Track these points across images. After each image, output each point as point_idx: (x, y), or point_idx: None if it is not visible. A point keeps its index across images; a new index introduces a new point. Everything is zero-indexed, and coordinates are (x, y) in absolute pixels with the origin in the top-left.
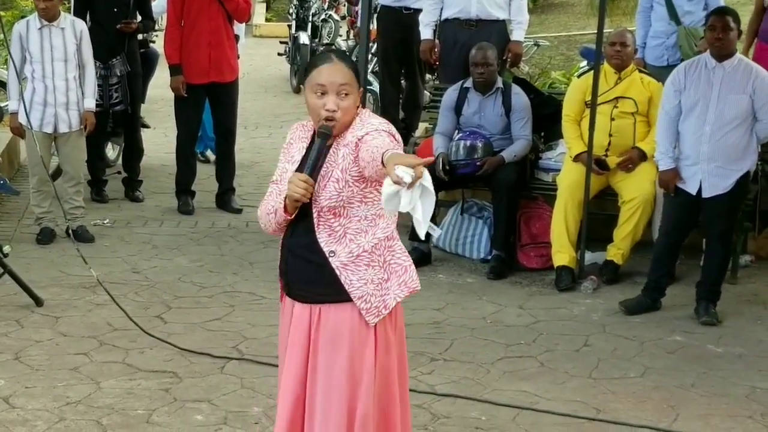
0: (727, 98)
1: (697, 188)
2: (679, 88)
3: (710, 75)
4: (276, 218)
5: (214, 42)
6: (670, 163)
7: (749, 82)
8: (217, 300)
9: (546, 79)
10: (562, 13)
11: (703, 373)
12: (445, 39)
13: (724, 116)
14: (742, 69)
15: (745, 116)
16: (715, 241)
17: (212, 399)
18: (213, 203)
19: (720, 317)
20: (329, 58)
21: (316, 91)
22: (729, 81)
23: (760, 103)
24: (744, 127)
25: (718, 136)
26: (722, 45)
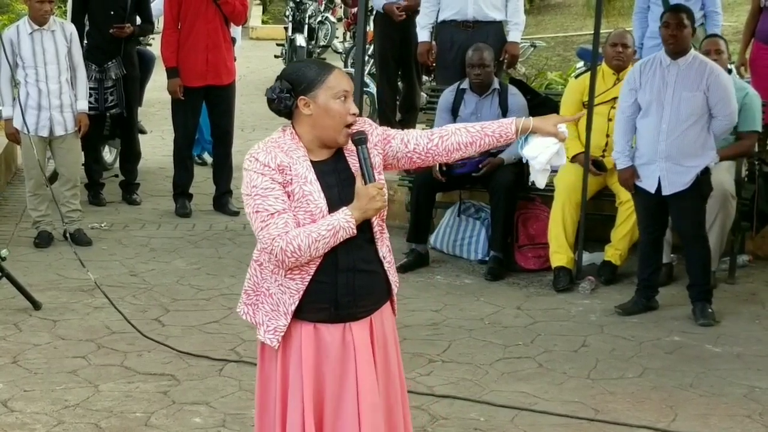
0: (681, 96)
1: (656, 186)
2: (634, 87)
3: (665, 73)
4: (335, 241)
5: (211, 45)
6: (627, 162)
7: (703, 79)
8: (214, 302)
9: (543, 80)
10: (559, 14)
11: (702, 373)
12: (442, 41)
13: (679, 114)
14: (697, 66)
15: (700, 113)
16: (691, 242)
17: (210, 401)
18: (210, 206)
19: (718, 317)
20: (327, 65)
21: (340, 96)
22: (683, 78)
23: (715, 100)
24: (700, 125)
25: (675, 133)
26: (676, 42)
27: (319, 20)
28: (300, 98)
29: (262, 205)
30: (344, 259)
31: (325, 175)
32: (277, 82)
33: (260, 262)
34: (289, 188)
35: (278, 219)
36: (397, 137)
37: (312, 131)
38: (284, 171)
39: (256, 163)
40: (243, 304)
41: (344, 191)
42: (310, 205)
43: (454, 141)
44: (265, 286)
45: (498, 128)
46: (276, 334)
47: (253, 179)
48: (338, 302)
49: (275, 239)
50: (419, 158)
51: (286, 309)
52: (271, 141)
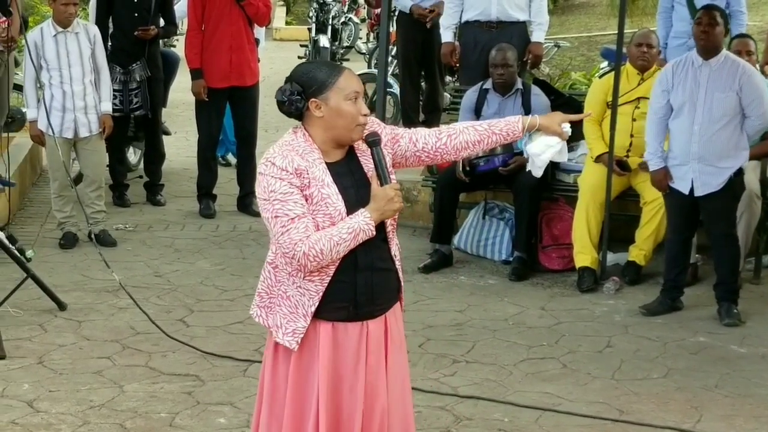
0: (714, 96)
1: (689, 187)
2: (666, 88)
3: (697, 73)
4: (356, 243)
5: (235, 46)
6: (660, 163)
7: (735, 79)
8: (238, 303)
9: (566, 81)
10: (583, 14)
11: (727, 373)
12: (465, 41)
13: (712, 114)
14: (729, 66)
15: (733, 114)
16: (721, 242)
17: (235, 402)
18: (234, 207)
19: (743, 317)
20: (337, 66)
21: (351, 97)
22: (716, 79)
23: (748, 100)
24: (733, 125)
25: (708, 134)
26: (707, 39)
27: (342, 21)
28: (311, 100)
29: (282, 210)
30: (363, 259)
31: (340, 176)
32: (287, 84)
33: (275, 265)
34: (306, 192)
35: (299, 223)
36: (405, 136)
37: (324, 132)
38: (302, 174)
39: (272, 167)
40: (256, 307)
41: (360, 192)
42: (329, 208)
43: (462, 140)
44: (281, 289)
45: (505, 126)
46: (295, 336)
47: (270, 184)
48: (357, 301)
49: (297, 244)
50: (427, 157)
51: (306, 311)
52: (285, 144)
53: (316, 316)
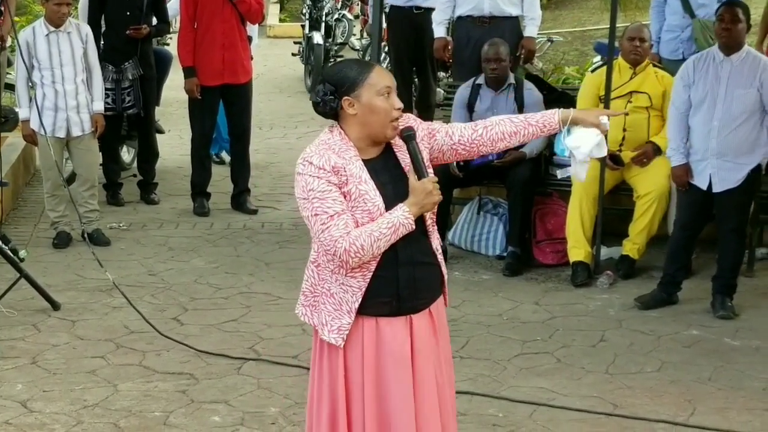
0: (734, 92)
1: (708, 183)
2: (688, 83)
3: (718, 69)
4: (396, 238)
5: (228, 44)
6: (682, 159)
7: (757, 75)
8: (233, 301)
9: (559, 75)
10: (576, 9)
11: (720, 366)
12: (458, 37)
13: (732, 111)
14: (750, 62)
15: (753, 110)
16: (729, 235)
17: (229, 400)
18: (228, 205)
19: (736, 310)
20: (367, 63)
21: (383, 93)
22: (737, 75)
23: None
24: (753, 121)
25: (727, 130)
26: (729, 36)
27: (336, 18)
28: (344, 99)
29: (321, 208)
30: (403, 253)
31: (377, 172)
32: (320, 86)
33: (318, 263)
34: (344, 189)
35: (338, 220)
36: (442, 131)
37: (360, 130)
38: (339, 172)
39: (310, 166)
40: (302, 306)
41: (397, 187)
42: (368, 204)
43: (498, 131)
44: (325, 286)
45: (542, 118)
46: (341, 333)
47: (309, 183)
48: (400, 296)
49: (338, 240)
50: (464, 150)
51: (350, 307)
52: (321, 143)
53: (359, 312)
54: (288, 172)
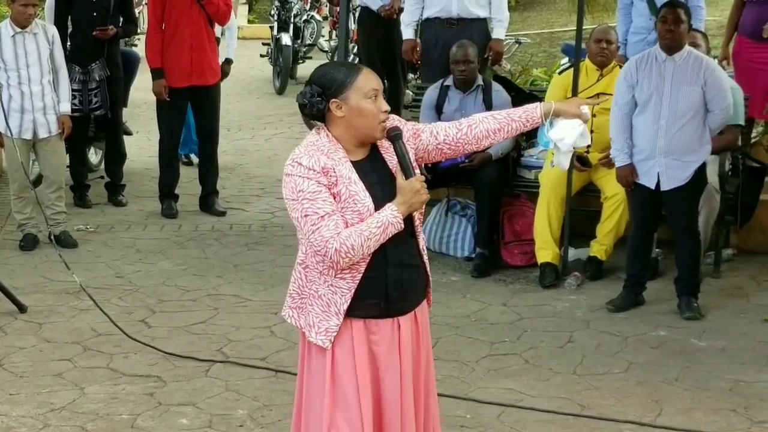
0: (680, 90)
1: (656, 182)
2: (631, 83)
3: (662, 68)
4: (385, 237)
5: (196, 45)
6: (626, 159)
7: (700, 73)
8: (201, 303)
9: (527, 77)
10: (545, 11)
11: (687, 367)
12: (426, 38)
13: (678, 108)
14: (692, 61)
15: (697, 108)
16: (683, 235)
17: (197, 402)
18: (196, 206)
19: (703, 311)
20: (355, 65)
21: (370, 96)
22: (680, 73)
23: (711, 94)
24: (698, 119)
25: (674, 128)
26: (673, 37)
27: (304, 19)
28: (332, 101)
29: (311, 209)
30: (392, 254)
31: (366, 174)
32: (307, 88)
33: (306, 265)
34: (334, 189)
35: (329, 221)
36: (426, 130)
37: (347, 131)
38: (328, 173)
39: (299, 167)
40: (288, 308)
41: (386, 188)
42: (357, 205)
43: (482, 128)
44: (312, 288)
45: (524, 113)
46: (328, 335)
47: (298, 184)
48: (389, 297)
49: (329, 241)
50: (449, 149)
51: (338, 309)
52: (310, 144)
53: (348, 314)
54: (256, 174)
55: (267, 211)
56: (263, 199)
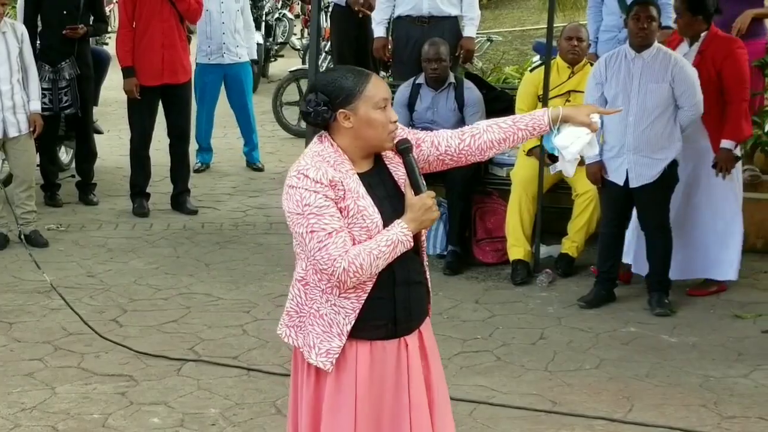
0: (648, 88)
1: (624, 178)
2: (600, 81)
3: (630, 66)
4: (394, 256)
5: (167, 43)
6: (595, 157)
7: (668, 70)
8: (173, 302)
9: (499, 75)
10: (516, 9)
11: (657, 363)
12: (397, 36)
13: (646, 105)
14: (661, 58)
15: (666, 105)
16: (654, 233)
17: (169, 401)
18: (168, 205)
19: (673, 307)
20: (363, 72)
21: (381, 106)
22: (649, 71)
23: (680, 91)
24: (666, 116)
25: (643, 125)
26: (646, 35)
27: (276, 17)
28: (339, 111)
29: (318, 225)
30: (400, 273)
31: (373, 187)
32: (312, 95)
33: (305, 282)
34: (341, 204)
35: (336, 238)
36: (427, 140)
37: (353, 142)
38: (336, 186)
39: (306, 180)
40: (285, 326)
41: (394, 202)
42: (366, 221)
43: (486, 138)
44: (314, 307)
45: (531, 121)
46: (329, 357)
47: (304, 197)
48: (396, 318)
49: (336, 260)
50: (451, 160)
51: (341, 329)
52: (315, 155)
53: (352, 335)
54: (228, 172)
55: (239, 210)
56: (235, 197)
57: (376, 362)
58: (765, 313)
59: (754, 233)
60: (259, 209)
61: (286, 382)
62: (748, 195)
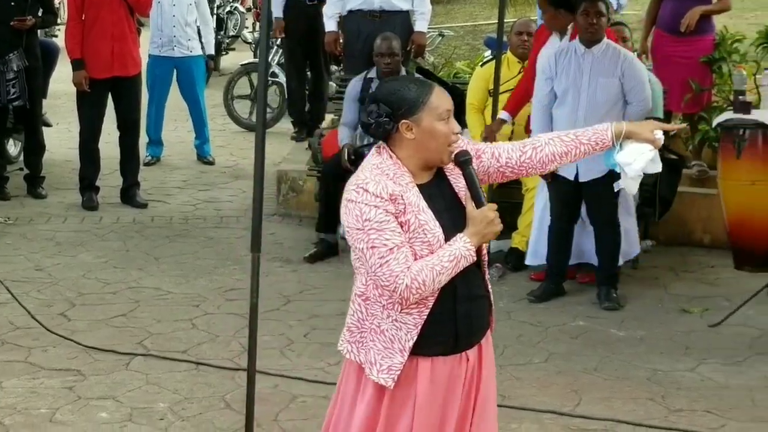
0: (597, 82)
1: (575, 173)
2: (550, 76)
3: (580, 61)
4: (457, 271)
5: (117, 35)
6: None
7: (618, 65)
8: (121, 296)
9: (450, 69)
10: (468, 4)
11: (606, 357)
12: (349, 30)
13: (596, 100)
14: (611, 53)
15: (615, 100)
16: (603, 228)
17: (117, 396)
18: (118, 198)
19: (622, 301)
20: (425, 82)
21: (444, 117)
22: (599, 65)
23: (630, 86)
24: (616, 111)
25: (592, 121)
26: (596, 30)
27: (228, 10)
28: (402, 122)
29: (379, 240)
30: (462, 288)
31: (433, 199)
32: (374, 105)
33: (366, 297)
34: (402, 218)
35: (398, 254)
36: (488, 151)
37: (414, 154)
38: (396, 200)
39: (366, 194)
40: (346, 342)
41: (454, 215)
42: (428, 235)
43: (548, 152)
44: (374, 322)
45: (593, 135)
46: (391, 373)
47: (364, 212)
48: (458, 333)
49: (398, 276)
50: (512, 172)
51: (402, 345)
52: (374, 167)
53: (413, 351)
54: (179, 166)
55: (189, 203)
56: (185, 191)
57: (437, 377)
58: (712, 307)
59: (701, 229)
60: (209, 203)
61: (236, 376)
62: (696, 190)
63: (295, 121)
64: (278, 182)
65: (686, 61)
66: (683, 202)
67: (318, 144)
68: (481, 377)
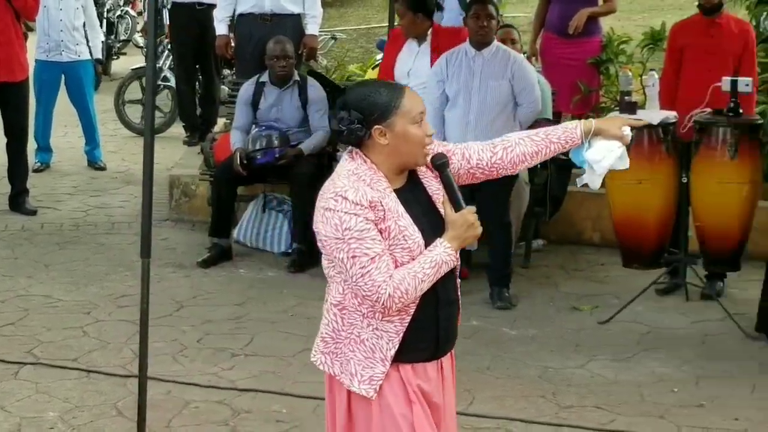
0: (488, 85)
1: None
2: (442, 79)
3: (471, 63)
4: (438, 276)
5: (3, 40)
6: None
7: (508, 68)
8: (10, 304)
9: (343, 72)
10: (362, 7)
11: (498, 356)
12: (240, 33)
13: (487, 102)
14: (501, 55)
15: (506, 102)
16: (496, 230)
17: (5, 405)
18: (6, 206)
19: (514, 300)
20: (396, 86)
21: (417, 120)
22: (489, 68)
23: (519, 88)
24: (506, 113)
25: (483, 123)
26: (486, 33)
27: (118, 14)
28: (375, 128)
29: (360, 250)
30: (443, 293)
31: (409, 204)
32: (344, 112)
33: (342, 307)
34: (382, 225)
35: (379, 263)
36: (458, 153)
37: (388, 159)
38: (376, 207)
39: (345, 202)
40: (320, 353)
41: (432, 220)
42: (408, 241)
43: (519, 152)
44: (354, 332)
45: (563, 134)
46: (372, 384)
47: (344, 221)
48: (439, 339)
49: (381, 286)
50: (482, 173)
51: (384, 354)
52: (350, 174)
53: (394, 359)
54: (69, 172)
55: (80, 210)
56: (76, 197)
57: (419, 386)
58: (601, 305)
59: (590, 227)
60: (100, 209)
61: (128, 383)
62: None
63: (186, 126)
64: (170, 187)
65: (574, 63)
66: (573, 202)
67: (210, 148)
68: (445, 387)
